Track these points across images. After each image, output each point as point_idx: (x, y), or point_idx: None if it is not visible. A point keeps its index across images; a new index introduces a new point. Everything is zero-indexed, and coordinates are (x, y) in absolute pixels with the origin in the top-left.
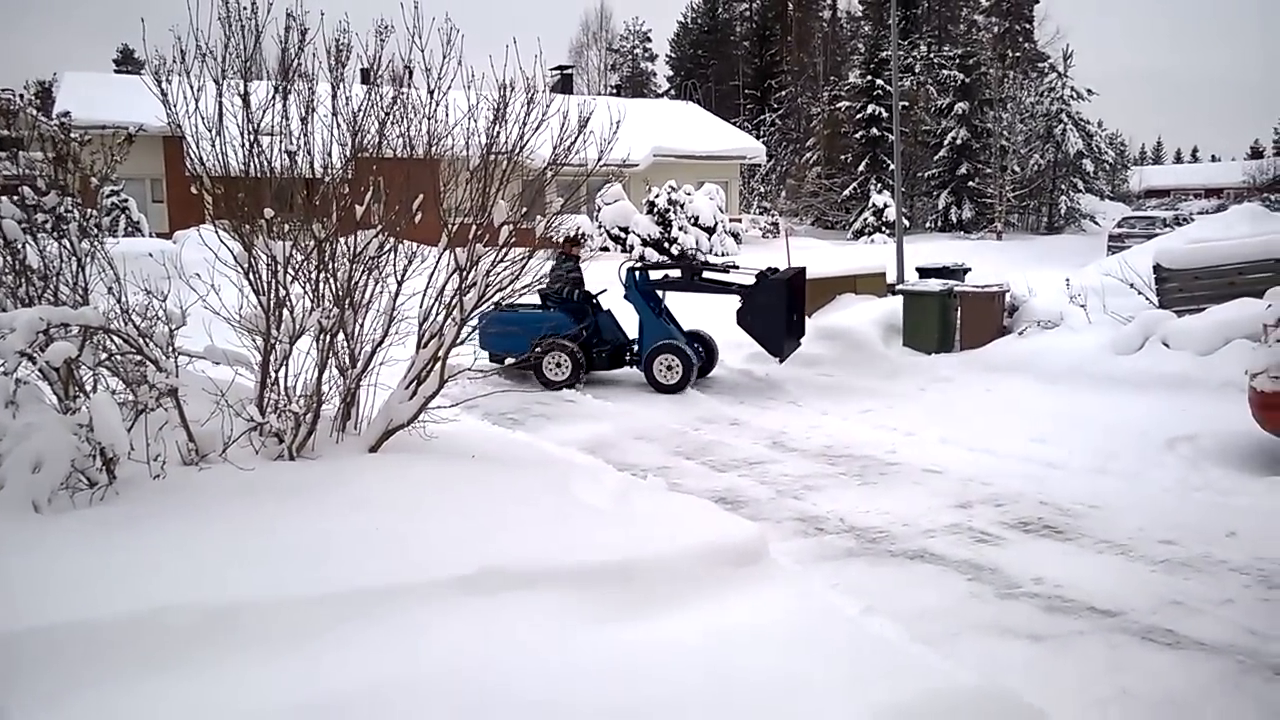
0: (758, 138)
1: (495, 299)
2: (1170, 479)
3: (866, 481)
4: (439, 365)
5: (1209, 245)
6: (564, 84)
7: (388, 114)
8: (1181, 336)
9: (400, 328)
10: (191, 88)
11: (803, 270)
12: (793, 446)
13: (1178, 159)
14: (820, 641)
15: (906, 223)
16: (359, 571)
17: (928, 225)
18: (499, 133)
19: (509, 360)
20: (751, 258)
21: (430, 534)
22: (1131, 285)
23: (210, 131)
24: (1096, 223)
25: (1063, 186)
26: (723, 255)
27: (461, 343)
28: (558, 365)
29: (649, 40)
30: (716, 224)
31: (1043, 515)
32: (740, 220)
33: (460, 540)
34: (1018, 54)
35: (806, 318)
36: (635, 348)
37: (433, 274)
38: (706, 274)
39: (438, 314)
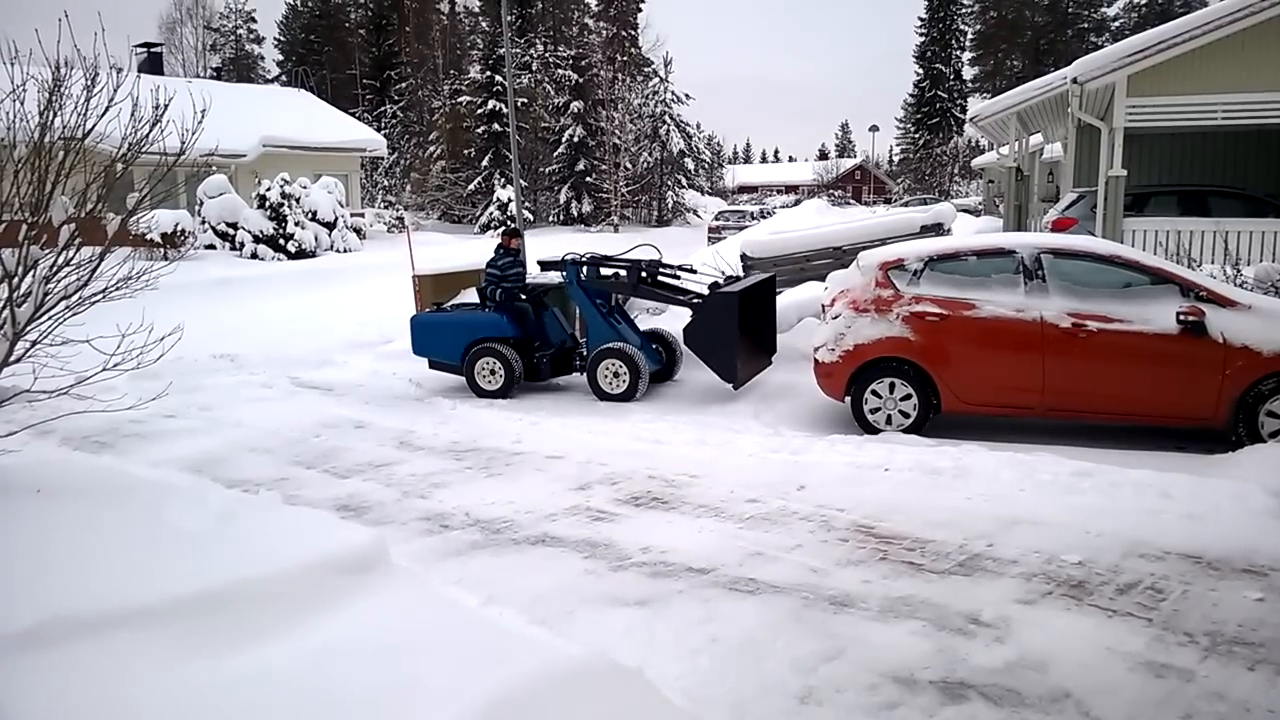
0: (378, 130)
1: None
2: (754, 444)
3: (493, 473)
4: None
5: (784, 236)
6: (152, 63)
7: None
8: None
9: None
10: None
11: (771, 279)
12: (420, 445)
13: (763, 159)
14: (437, 639)
15: (530, 216)
16: None
17: (550, 219)
18: (54, 119)
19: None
20: (380, 255)
21: None
22: (724, 273)
23: None
24: (699, 216)
25: (669, 183)
26: (344, 251)
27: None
28: (491, 372)
29: (254, 20)
30: (337, 219)
31: (651, 488)
32: (363, 215)
33: (13, 591)
34: (625, 58)
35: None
36: (586, 351)
37: None
38: (661, 278)
39: None
